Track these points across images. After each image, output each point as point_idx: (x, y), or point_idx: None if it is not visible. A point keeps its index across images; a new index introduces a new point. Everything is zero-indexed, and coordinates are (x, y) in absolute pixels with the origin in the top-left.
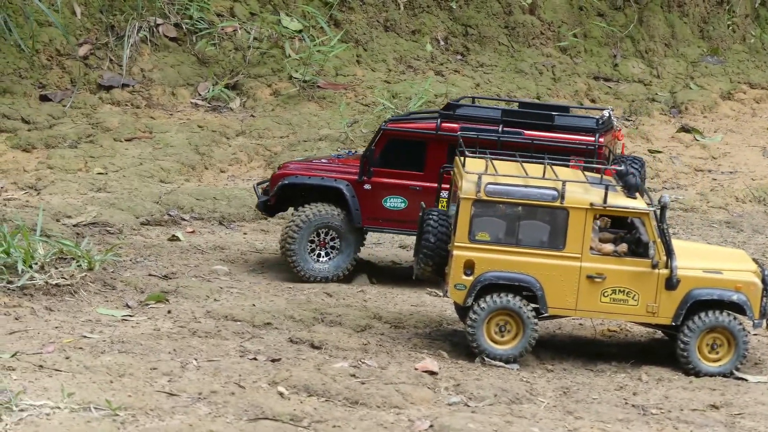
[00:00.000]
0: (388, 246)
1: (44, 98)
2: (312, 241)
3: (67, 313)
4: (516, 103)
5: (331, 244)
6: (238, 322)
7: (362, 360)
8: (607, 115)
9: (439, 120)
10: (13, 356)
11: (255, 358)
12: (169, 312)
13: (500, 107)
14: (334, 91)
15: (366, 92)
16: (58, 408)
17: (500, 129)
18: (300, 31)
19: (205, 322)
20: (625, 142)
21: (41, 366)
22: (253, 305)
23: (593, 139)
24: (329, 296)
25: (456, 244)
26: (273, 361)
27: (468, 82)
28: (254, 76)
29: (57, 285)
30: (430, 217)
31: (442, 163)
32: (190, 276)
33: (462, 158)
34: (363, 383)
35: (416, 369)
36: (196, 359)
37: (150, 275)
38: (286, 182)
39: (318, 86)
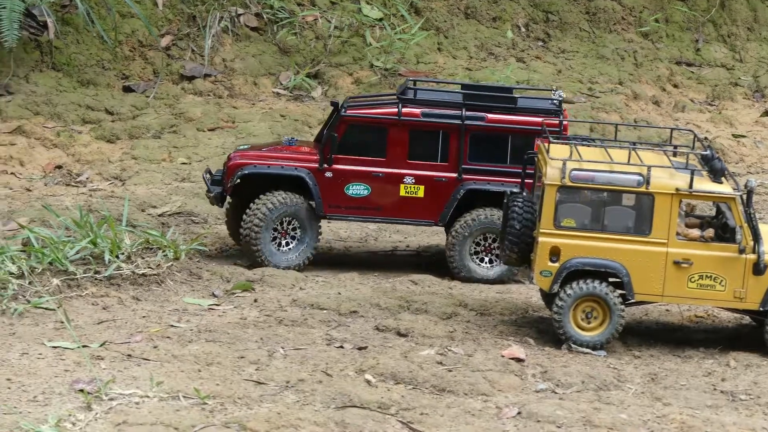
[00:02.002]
0: None
1: (127, 89)
2: (275, 230)
3: (154, 303)
4: (458, 85)
5: (292, 234)
6: (324, 311)
7: (449, 347)
8: (561, 96)
9: (400, 105)
10: (101, 345)
11: (342, 347)
12: (255, 301)
13: (459, 91)
14: (442, 80)
15: (447, 80)
16: (147, 397)
17: (462, 112)
18: (380, 20)
19: (291, 310)
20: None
21: (130, 355)
22: (339, 293)
23: (558, 120)
24: (414, 284)
25: (541, 230)
26: (360, 349)
27: (549, 69)
28: (335, 65)
29: (143, 275)
30: (515, 203)
31: (404, 148)
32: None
33: (546, 144)
34: (450, 371)
35: (503, 356)
36: (283, 348)
37: (235, 264)
38: (246, 172)
39: (399, 74)
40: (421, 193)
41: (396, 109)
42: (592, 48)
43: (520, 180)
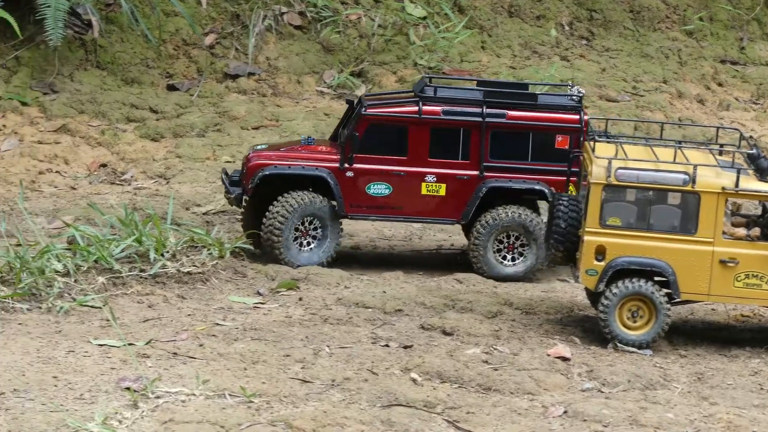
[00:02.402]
0: None
1: (171, 88)
2: (297, 229)
3: (199, 301)
4: (474, 81)
5: (313, 233)
6: (369, 309)
7: (494, 346)
8: (580, 92)
9: (420, 103)
10: (147, 344)
11: (387, 345)
12: (300, 299)
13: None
14: (459, 77)
15: (491, 78)
16: (194, 395)
17: (483, 110)
18: (424, 18)
19: (337, 309)
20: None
21: (175, 353)
22: (384, 292)
23: (578, 117)
24: (459, 282)
25: (587, 229)
26: (405, 347)
27: (593, 67)
28: (379, 63)
29: (189, 273)
30: (561, 202)
31: (425, 146)
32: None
33: (592, 143)
34: (496, 369)
35: (549, 355)
36: (328, 346)
37: (280, 263)
38: (267, 173)
39: (443, 73)
40: (442, 192)
41: (416, 108)
42: (636, 46)
43: (540, 177)
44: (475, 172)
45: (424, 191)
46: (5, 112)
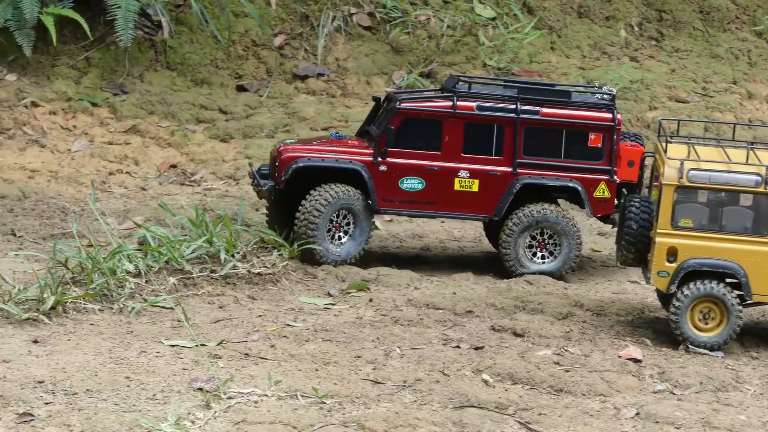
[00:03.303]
0: (586, 233)
1: (241, 88)
2: (331, 222)
3: (269, 302)
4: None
5: (345, 228)
6: (440, 310)
7: (565, 347)
8: (610, 91)
9: (455, 98)
10: (219, 344)
11: (458, 346)
12: (370, 300)
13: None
14: (528, 78)
15: (561, 79)
16: (266, 396)
17: (518, 106)
18: (493, 19)
19: (407, 310)
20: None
21: (247, 354)
22: (454, 293)
23: (611, 115)
24: (530, 284)
25: (659, 230)
26: (476, 348)
27: (663, 68)
28: (448, 64)
29: (259, 274)
30: (633, 203)
31: (459, 141)
32: (390, 265)
33: (664, 144)
34: (567, 371)
35: (620, 356)
36: (399, 347)
37: (350, 264)
38: (301, 165)
39: (512, 73)
40: (475, 188)
41: (451, 102)
42: (706, 47)
43: (572, 175)
44: (509, 169)
45: (457, 187)
46: (76, 113)
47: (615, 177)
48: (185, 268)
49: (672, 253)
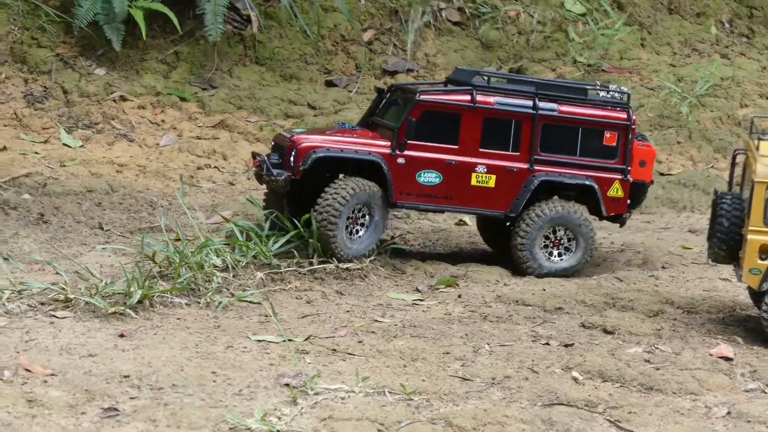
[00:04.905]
0: (677, 231)
1: (330, 84)
2: (349, 217)
3: (357, 297)
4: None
5: (361, 221)
6: (529, 307)
7: (656, 345)
8: (621, 90)
9: (474, 92)
10: (306, 340)
11: (547, 343)
12: (459, 296)
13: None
14: (618, 75)
15: (651, 76)
16: (353, 392)
17: (536, 101)
18: (583, 15)
19: (496, 306)
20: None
21: (334, 350)
22: (544, 290)
23: (626, 115)
24: (620, 281)
25: (750, 228)
26: (566, 346)
27: (754, 65)
28: (538, 60)
29: (347, 269)
30: (724, 200)
31: (477, 136)
32: (478, 261)
33: (756, 141)
34: (657, 369)
35: (711, 355)
36: (488, 344)
37: (439, 260)
38: (320, 155)
39: (602, 70)
40: (492, 183)
41: (470, 96)
42: None
43: (587, 172)
44: (525, 165)
45: (473, 182)
46: (164, 107)
47: (628, 176)
48: (273, 263)
49: (764, 251)
